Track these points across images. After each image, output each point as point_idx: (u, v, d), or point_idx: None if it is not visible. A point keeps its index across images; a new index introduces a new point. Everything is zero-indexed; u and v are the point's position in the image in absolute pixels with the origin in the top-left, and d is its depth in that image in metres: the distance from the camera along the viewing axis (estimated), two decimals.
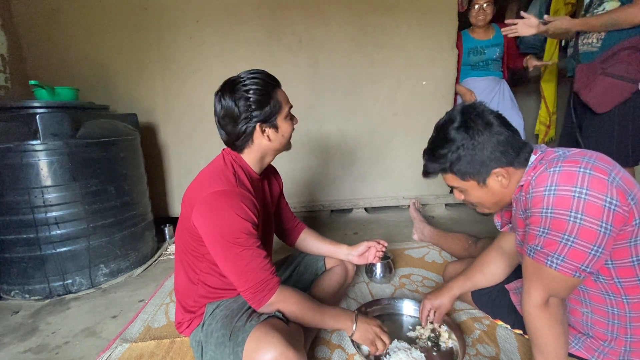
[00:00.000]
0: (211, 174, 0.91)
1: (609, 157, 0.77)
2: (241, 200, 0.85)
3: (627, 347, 0.83)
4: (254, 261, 0.84)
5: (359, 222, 2.38)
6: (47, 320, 1.32)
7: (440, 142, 0.87)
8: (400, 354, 0.98)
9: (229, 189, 0.86)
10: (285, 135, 0.99)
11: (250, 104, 0.89)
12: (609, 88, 1.38)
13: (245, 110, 0.89)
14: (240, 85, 0.89)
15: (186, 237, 0.94)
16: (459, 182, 0.88)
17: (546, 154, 0.82)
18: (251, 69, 0.94)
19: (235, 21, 2.19)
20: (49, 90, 1.54)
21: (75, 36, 2.08)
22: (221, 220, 0.82)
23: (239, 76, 0.92)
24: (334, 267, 1.26)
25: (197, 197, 0.86)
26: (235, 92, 0.89)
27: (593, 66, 1.43)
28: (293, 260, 1.30)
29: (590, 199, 0.69)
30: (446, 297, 1.10)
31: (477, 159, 0.82)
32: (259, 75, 0.92)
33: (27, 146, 1.35)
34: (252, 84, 0.89)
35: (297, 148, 2.40)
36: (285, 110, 0.96)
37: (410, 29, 2.35)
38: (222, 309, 0.94)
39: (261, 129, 0.92)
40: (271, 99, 0.91)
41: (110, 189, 1.57)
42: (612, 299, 0.81)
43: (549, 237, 0.73)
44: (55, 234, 1.44)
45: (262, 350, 0.76)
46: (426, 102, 2.46)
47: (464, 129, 0.82)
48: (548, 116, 2.64)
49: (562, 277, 0.74)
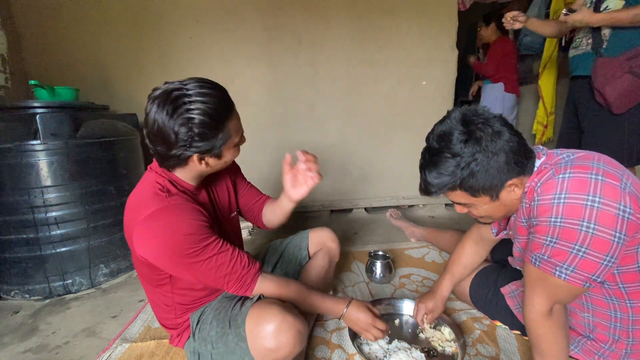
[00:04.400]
0: (139, 199, 0.81)
1: (615, 160, 0.74)
2: (177, 213, 0.76)
3: (628, 349, 0.82)
4: (221, 263, 0.80)
5: (359, 222, 2.38)
6: (47, 320, 1.32)
7: (444, 157, 0.76)
8: (400, 353, 0.98)
9: (161, 206, 0.76)
10: (228, 161, 0.87)
11: (192, 134, 0.73)
12: (635, 88, 1.34)
13: (184, 140, 0.74)
14: (183, 107, 0.72)
15: (140, 267, 0.88)
16: (468, 198, 0.80)
17: (549, 157, 0.79)
18: (203, 82, 0.76)
19: (235, 21, 2.19)
20: (49, 90, 1.54)
21: (75, 36, 2.08)
22: (164, 240, 0.74)
23: (185, 88, 0.74)
24: (316, 253, 1.24)
25: (132, 228, 0.78)
26: (175, 114, 0.72)
27: (617, 62, 1.37)
28: (273, 252, 1.28)
29: (603, 208, 0.65)
30: (439, 301, 1.11)
31: (491, 172, 0.74)
32: (210, 99, 0.74)
33: (27, 146, 1.35)
34: (200, 110, 0.73)
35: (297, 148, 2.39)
36: (234, 140, 0.83)
37: (410, 29, 2.35)
38: (209, 313, 0.92)
39: (199, 158, 0.80)
40: (220, 131, 0.77)
41: (110, 189, 1.57)
42: (616, 303, 0.80)
43: (558, 246, 0.70)
44: (55, 234, 1.44)
45: (264, 322, 0.77)
46: (426, 102, 2.46)
47: (474, 141, 0.73)
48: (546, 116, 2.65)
49: (569, 287, 0.72)
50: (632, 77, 1.34)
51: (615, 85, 1.36)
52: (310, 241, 1.26)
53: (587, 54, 1.51)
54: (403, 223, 2.08)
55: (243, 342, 0.79)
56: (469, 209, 0.86)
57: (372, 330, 0.96)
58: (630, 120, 1.42)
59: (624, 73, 1.35)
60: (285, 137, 2.39)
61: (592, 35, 1.48)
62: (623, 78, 1.35)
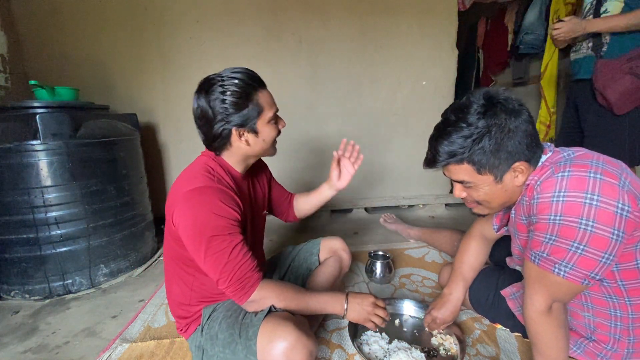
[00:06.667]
0: (188, 175, 0.87)
1: (615, 159, 0.74)
2: (219, 196, 0.82)
3: (629, 348, 0.82)
4: (233, 258, 0.81)
5: (359, 222, 2.38)
6: (47, 320, 1.32)
7: (458, 127, 0.76)
8: (400, 353, 0.98)
9: (206, 185, 0.82)
10: (267, 140, 0.92)
11: (226, 106, 0.83)
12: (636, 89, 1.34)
13: (221, 113, 0.84)
14: (217, 85, 0.84)
15: (172, 245, 0.91)
16: (472, 175, 0.79)
17: (554, 155, 0.79)
18: (235, 67, 0.87)
19: (235, 21, 2.19)
20: (49, 90, 1.54)
21: (75, 36, 2.08)
22: (197, 215, 0.79)
23: (219, 74, 0.86)
24: (327, 259, 1.24)
25: (175, 198, 0.84)
26: (211, 93, 0.84)
27: (617, 63, 1.38)
28: (287, 256, 1.29)
29: (602, 206, 0.66)
30: (451, 311, 1.07)
31: (503, 149, 0.74)
32: (239, 75, 0.85)
33: (27, 146, 1.35)
34: (231, 84, 0.84)
35: (297, 148, 2.40)
36: (267, 114, 0.89)
37: (410, 29, 2.35)
38: (220, 311, 0.93)
39: (238, 133, 0.87)
40: (250, 101, 0.85)
41: (110, 189, 1.57)
42: (615, 301, 0.80)
43: (557, 244, 0.71)
44: (55, 234, 1.44)
45: (277, 339, 0.76)
46: (426, 102, 2.46)
47: (492, 115, 0.73)
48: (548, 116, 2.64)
49: (568, 285, 0.72)
50: (633, 78, 1.34)
51: (617, 86, 1.37)
52: (322, 248, 1.27)
53: (588, 57, 1.52)
54: (398, 226, 2.07)
55: (253, 355, 0.79)
56: (469, 190, 0.84)
57: (374, 318, 0.95)
58: (631, 122, 1.43)
59: (624, 74, 1.35)
60: (285, 137, 2.37)
61: (593, 38, 1.49)
62: (624, 79, 1.35)
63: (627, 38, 1.39)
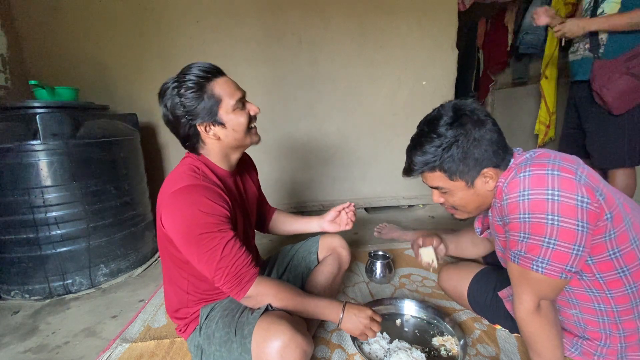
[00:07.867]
0: (174, 176, 0.86)
1: (570, 156, 0.78)
2: (205, 194, 0.81)
3: (622, 343, 0.83)
4: (227, 254, 0.80)
5: (359, 222, 2.37)
6: (47, 320, 1.32)
7: (429, 138, 0.83)
8: (400, 353, 0.98)
9: (191, 184, 0.81)
10: (238, 129, 0.88)
11: (182, 104, 0.82)
12: (634, 89, 1.35)
13: (180, 112, 0.83)
14: (170, 87, 0.84)
15: (165, 245, 0.90)
16: (445, 181, 0.85)
17: (519, 157, 0.83)
18: (189, 64, 0.86)
19: (235, 21, 2.19)
20: (49, 90, 1.54)
21: (75, 36, 2.08)
22: (185, 215, 0.78)
23: (172, 76, 0.86)
24: (326, 258, 1.22)
25: (162, 200, 0.84)
26: (166, 95, 0.84)
27: (615, 64, 1.39)
28: (285, 256, 1.27)
29: (563, 200, 0.70)
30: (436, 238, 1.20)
31: (470, 156, 0.80)
32: (188, 70, 0.84)
33: (27, 146, 1.35)
34: (182, 81, 0.82)
35: (297, 148, 2.40)
36: (228, 102, 0.85)
37: (410, 29, 2.35)
38: (218, 310, 0.93)
39: (204, 129, 0.85)
40: (204, 93, 0.83)
41: (110, 189, 1.57)
42: (597, 295, 0.82)
43: (531, 241, 0.74)
44: (55, 234, 1.44)
45: (272, 338, 0.76)
46: (426, 102, 2.46)
47: (458, 125, 0.80)
48: (548, 116, 2.64)
49: (548, 280, 0.74)
50: (631, 79, 1.35)
51: (614, 86, 1.38)
52: (321, 246, 1.25)
53: (586, 58, 1.53)
54: (395, 233, 2.04)
55: (247, 354, 0.79)
56: (446, 196, 0.90)
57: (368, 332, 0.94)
58: (630, 121, 1.43)
59: (622, 74, 1.36)
60: (285, 137, 2.39)
61: (590, 39, 1.49)
62: (622, 79, 1.36)
63: (624, 38, 1.39)
